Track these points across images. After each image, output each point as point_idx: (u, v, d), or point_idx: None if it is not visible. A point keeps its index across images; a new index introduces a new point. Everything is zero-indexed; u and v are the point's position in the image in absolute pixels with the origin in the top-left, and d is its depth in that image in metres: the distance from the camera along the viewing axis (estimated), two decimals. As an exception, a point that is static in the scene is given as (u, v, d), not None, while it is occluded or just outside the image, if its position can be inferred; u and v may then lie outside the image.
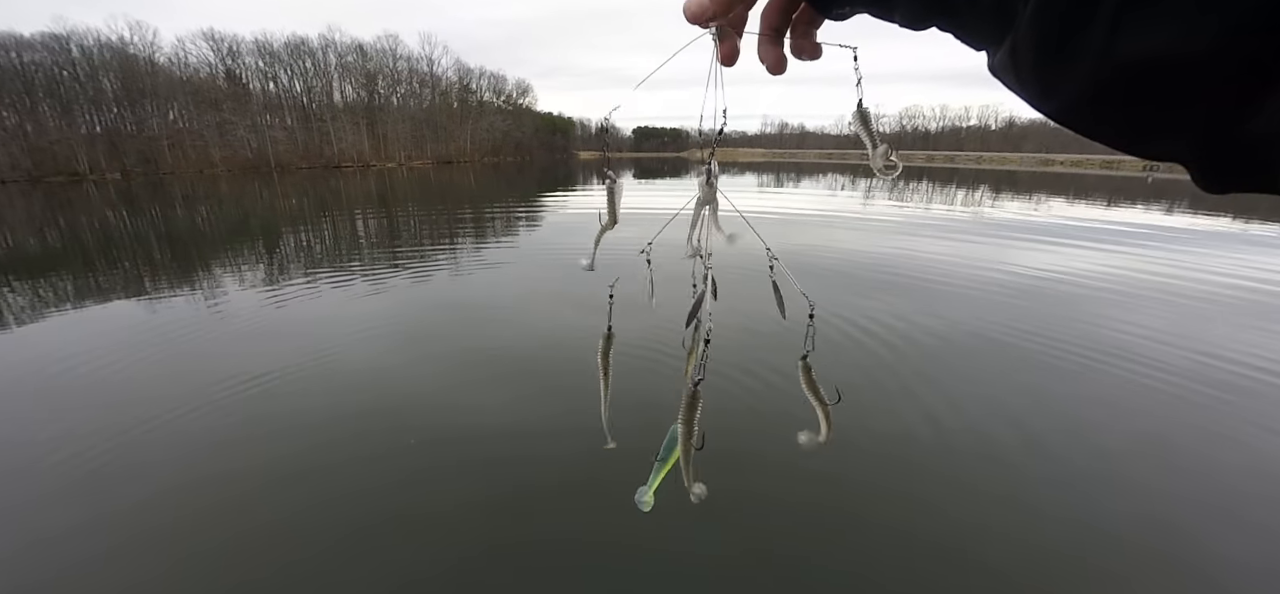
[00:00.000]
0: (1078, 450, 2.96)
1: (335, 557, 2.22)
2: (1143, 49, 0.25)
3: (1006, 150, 78.01)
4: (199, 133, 45.84)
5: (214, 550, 2.26)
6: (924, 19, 0.37)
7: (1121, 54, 0.26)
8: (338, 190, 23.68)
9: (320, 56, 54.95)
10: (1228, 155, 0.27)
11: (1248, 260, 8.03)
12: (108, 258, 8.63)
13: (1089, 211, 14.96)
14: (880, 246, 8.26)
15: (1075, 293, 6.06)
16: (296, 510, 2.50)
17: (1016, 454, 2.92)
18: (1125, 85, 0.27)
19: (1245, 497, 2.60)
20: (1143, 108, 0.28)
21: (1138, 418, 3.33)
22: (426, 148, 61.51)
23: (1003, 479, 2.72)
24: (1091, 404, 3.49)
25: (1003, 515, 2.46)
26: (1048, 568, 2.18)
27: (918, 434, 3.10)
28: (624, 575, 2.16)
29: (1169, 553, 2.26)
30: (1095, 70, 0.27)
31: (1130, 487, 2.67)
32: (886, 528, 2.40)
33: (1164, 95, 0.27)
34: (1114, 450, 2.97)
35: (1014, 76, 0.32)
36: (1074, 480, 2.71)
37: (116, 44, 43.15)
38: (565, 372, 3.95)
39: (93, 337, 4.78)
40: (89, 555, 2.23)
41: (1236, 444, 3.05)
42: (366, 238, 10.34)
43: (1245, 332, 4.83)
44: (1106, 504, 2.53)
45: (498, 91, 71.94)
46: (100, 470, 2.79)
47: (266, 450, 2.97)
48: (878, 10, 0.40)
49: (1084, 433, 3.14)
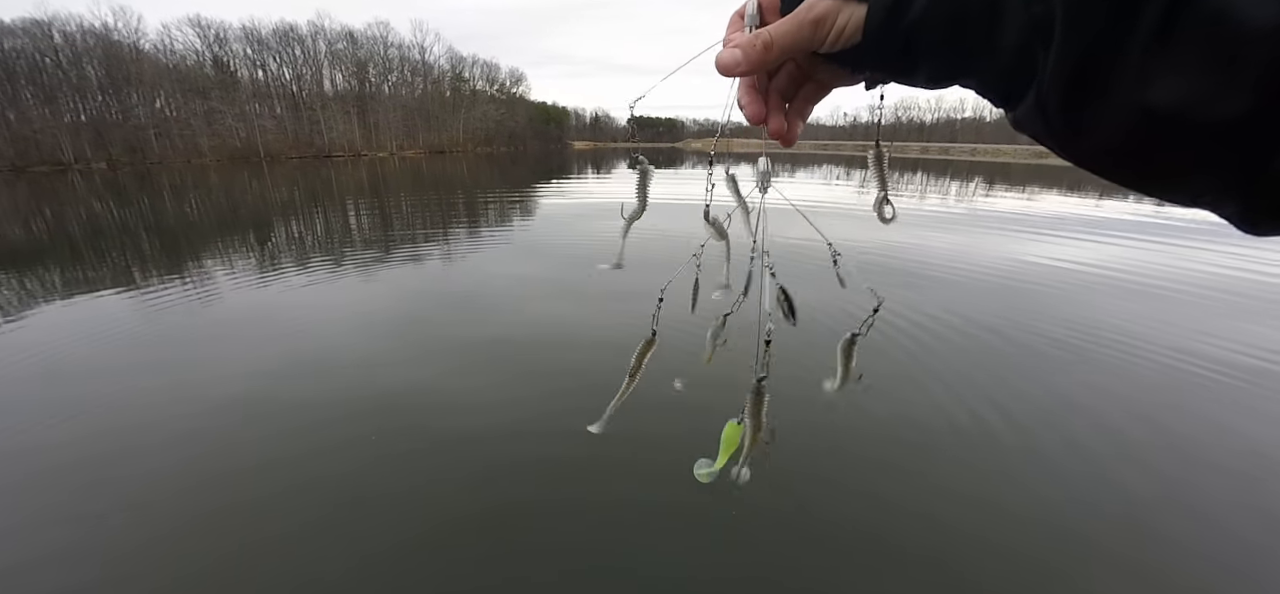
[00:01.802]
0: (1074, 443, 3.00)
1: (318, 543, 2.21)
2: (1172, 100, 0.25)
3: (1001, 142, 78.26)
4: (186, 121, 45.16)
5: (204, 541, 2.24)
6: (947, 79, 0.38)
7: (1149, 104, 0.26)
8: (329, 180, 23.43)
9: (310, 44, 54.21)
10: (1267, 199, 0.26)
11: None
12: (95, 249, 8.51)
13: (1080, 206, 15.07)
14: (877, 238, 8.29)
15: (1069, 282, 6.12)
16: (286, 501, 2.48)
17: (1007, 436, 2.95)
18: (1155, 134, 0.26)
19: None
20: (1172, 155, 0.27)
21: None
22: (419, 137, 60.94)
23: (1002, 466, 2.76)
24: (1084, 388, 3.53)
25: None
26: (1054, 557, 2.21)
27: (932, 423, 3.12)
28: (623, 572, 2.17)
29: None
30: (1121, 120, 0.27)
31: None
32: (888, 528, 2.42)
33: (1195, 145, 0.26)
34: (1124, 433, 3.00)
35: (1042, 126, 0.33)
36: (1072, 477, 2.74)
37: (100, 30, 42.38)
38: (559, 362, 3.94)
39: (79, 328, 4.72)
40: (73, 547, 2.22)
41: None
42: (358, 229, 10.25)
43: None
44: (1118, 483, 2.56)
45: (491, 80, 71.37)
46: (88, 460, 2.76)
47: (254, 440, 2.95)
48: (902, 78, 0.41)
49: (1064, 421, 3.17)
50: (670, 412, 2.94)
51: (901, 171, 28.44)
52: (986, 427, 3.12)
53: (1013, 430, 3.08)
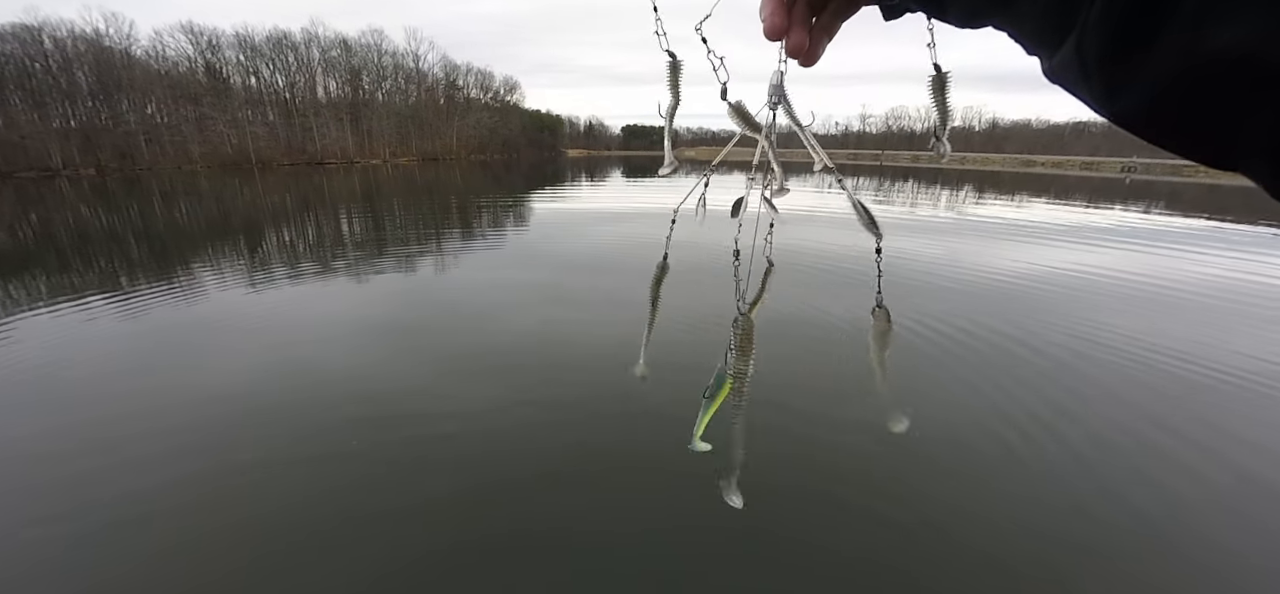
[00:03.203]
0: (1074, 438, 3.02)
1: (313, 551, 2.19)
2: (1232, 44, 0.22)
3: (990, 151, 79.29)
4: (177, 127, 44.82)
5: (198, 542, 2.21)
6: (980, 17, 0.35)
7: (1205, 50, 0.23)
8: (321, 187, 23.31)
9: (303, 51, 54.06)
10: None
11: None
12: (83, 256, 8.41)
13: (1069, 212, 15.26)
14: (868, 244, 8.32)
15: (1054, 290, 6.19)
16: (279, 506, 2.45)
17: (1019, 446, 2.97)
18: (1207, 84, 0.24)
19: None
20: (1226, 110, 0.24)
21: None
22: (412, 144, 60.79)
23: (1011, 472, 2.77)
24: (1066, 393, 3.56)
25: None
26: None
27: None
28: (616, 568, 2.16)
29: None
30: (1172, 66, 0.24)
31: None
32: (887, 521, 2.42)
33: (1254, 96, 0.23)
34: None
35: (1078, 75, 0.30)
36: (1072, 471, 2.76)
37: (91, 36, 42.04)
38: (554, 369, 3.93)
39: (67, 335, 4.65)
40: (67, 550, 2.18)
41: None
42: (351, 236, 10.20)
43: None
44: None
45: (485, 88, 71.43)
46: (79, 468, 2.72)
47: (249, 446, 2.92)
48: (931, 9, 0.38)
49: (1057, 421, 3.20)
50: (664, 423, 2.94)
51: (892, 180, 28.70)
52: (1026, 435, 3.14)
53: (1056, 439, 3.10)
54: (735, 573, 2.15)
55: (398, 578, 2.10)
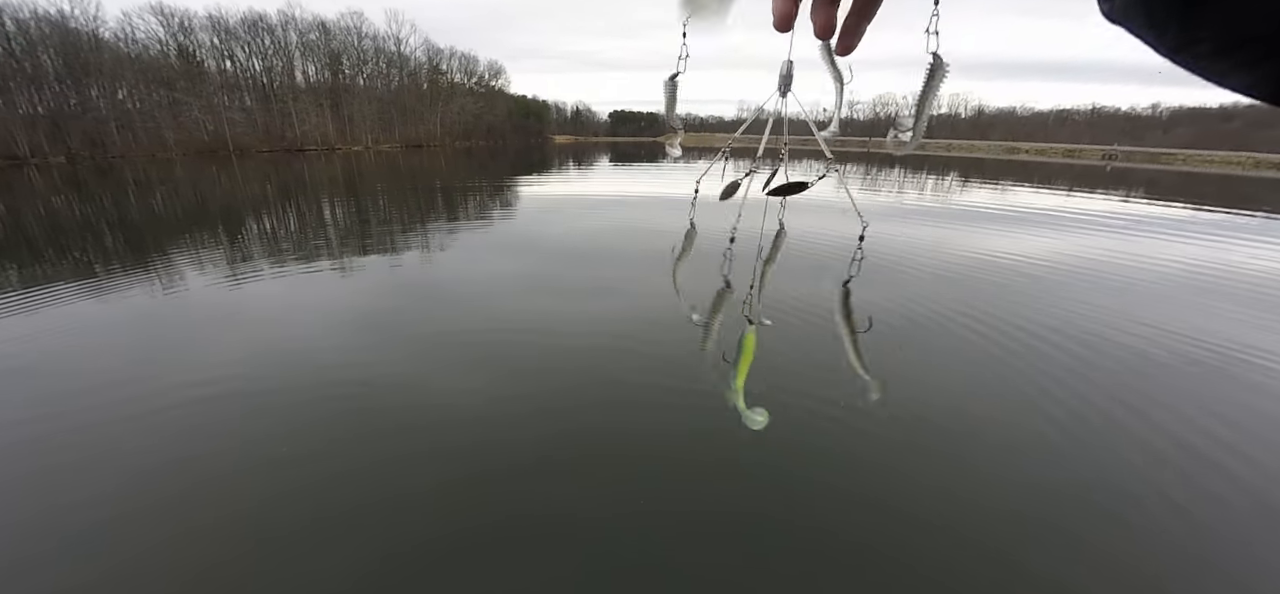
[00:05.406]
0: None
1: (302, 542, 2.18)
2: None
3: (975, 138, 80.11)
4: (150, 113, 43.40)
5: (178, 538, 2.19)
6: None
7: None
8: (301, 174, 22.82)
9: (280, 34, 52.46)
10: None
11: None
12: (56, 246, 8.16)
13: (1052, 199, 15.52)
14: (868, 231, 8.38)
15: (1043, 277, 6.32)
16: (263, 499, 2.43)
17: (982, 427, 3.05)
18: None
19: None
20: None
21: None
22: (395, 130, 59.63)
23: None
24: (1047, 379, 3.65)
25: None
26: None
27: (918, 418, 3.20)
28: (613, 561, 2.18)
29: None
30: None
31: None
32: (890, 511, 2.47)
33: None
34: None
35: (1142, 17, 0.28)
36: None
37: (56, 17, 40.33)
38: (537, 355, 3.93)
39: (42, 327, 4.53)
40: (46, 544, 2.14)
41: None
42: (333, 223, 10.01)
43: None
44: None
45: (469, 73, 70.09)
46: (57, 461, 2.66)
47: (230, 439, 2.88)
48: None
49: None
50: (663, 411, 2.96)
51: (879, 167, 28.86)
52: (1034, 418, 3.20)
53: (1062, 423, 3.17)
54: (727, 556, 2.18)
55: (391, 568, 2.10)
